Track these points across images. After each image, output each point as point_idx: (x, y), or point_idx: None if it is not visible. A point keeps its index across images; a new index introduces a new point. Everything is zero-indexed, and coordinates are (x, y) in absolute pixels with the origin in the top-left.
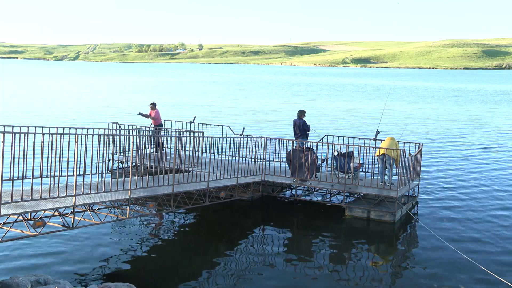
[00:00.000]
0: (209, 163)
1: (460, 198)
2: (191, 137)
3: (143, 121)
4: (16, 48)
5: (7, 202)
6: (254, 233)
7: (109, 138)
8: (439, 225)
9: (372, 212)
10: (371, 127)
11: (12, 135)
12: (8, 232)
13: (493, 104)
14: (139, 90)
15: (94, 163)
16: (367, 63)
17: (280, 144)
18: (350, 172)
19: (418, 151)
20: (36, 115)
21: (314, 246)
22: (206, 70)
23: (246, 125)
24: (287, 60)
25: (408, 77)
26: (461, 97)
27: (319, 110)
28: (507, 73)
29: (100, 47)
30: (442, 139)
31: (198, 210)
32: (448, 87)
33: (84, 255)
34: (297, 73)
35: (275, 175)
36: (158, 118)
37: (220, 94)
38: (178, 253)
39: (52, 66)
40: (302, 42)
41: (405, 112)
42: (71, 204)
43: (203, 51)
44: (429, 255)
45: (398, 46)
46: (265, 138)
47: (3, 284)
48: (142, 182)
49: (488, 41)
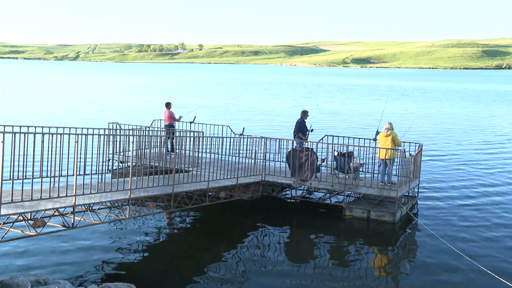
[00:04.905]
0: (209, 163)
1: (460, 198)
2: (191, 137)
3: (143, 121)
4: (16, 48)
5: (7, 202)
6: (254, 233)
7: (109, 138)
8: (439, 225)
9: (372, 212)
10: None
11: (12, 135)
12: (8, 232)
13: (493, 104)
14: (139, 91)
15: (94, 163)
16: (367, 63)
17: (280, 144)
18: (350, 172)
19: (418, 151)
20: (36, 115)
21: (314, 246)
22: (207, 70)
23: (249, 126)
24: (287, 60)
25: (411, 77)
26: (461, 97)
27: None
28: (507, 73)
29: (100, 47)
30: (442, 139)
31: (198, 210)
32: (448, 88)
33: (84, 255)
34: (301, 73)
35: (275, 175)
36: (167, 118)
37: (226, 95)
38: (178, 253)
39: (52, 66)
40: (302, 42)
41: (405, 112)
42: (71, 204)
43: (203, 51)
44: (429, 255)
45: (398, 46)
46: (265, 138)
47: (3, 284)
48: (142, 182)
49: (488, 41)
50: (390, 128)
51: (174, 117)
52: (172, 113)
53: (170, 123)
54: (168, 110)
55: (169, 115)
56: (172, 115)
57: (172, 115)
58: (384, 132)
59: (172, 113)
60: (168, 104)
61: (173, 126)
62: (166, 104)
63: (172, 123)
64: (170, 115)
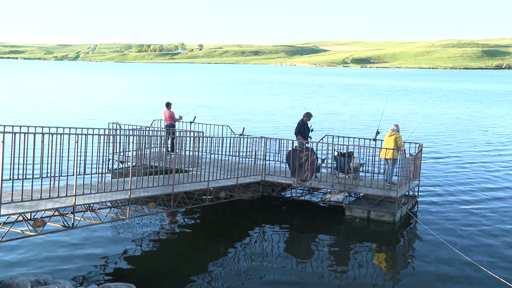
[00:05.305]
0: (209, 163)
1: (461, 198)
2: (191, 137)
3: (143, 121)
4: (16, 48)
5: (7, 202)
6: (254, 233)
7: (109, 138)
8: (439, 225)
9: (372, 212)
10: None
11: (12, 135)
12: (8, 232)
13: (493, 104)
14: (139, 91)
15: (94, 163)
16: (367, 63)
17: (280, 144)
18: (350, 172)
19: (418, 151)
20: (36, 115)
21: (314, 246)
22: (207, 70)
23: (249, 126)
24: (287, 60)
25: (411, 77)
26: (462, 97)
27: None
28: (508, 73)
29: (100, 47)
30: (442, 139)
31: (198, 210)
32: (448, 88)
33: (84, 255)
34: (301, 73)
35: (275, 175)
36: (168, 118)
37: (226, 95)
38: (178, 253)
39: (52, 66)
40: (302, 42)
41: (405, 112)
42: (71, 204)
43: (203, 51)
44: (429, 255)
45: (398, 46)
46: (265, 138)
47: (3, 284)
48: (142, 182)
49: (488, 41)
50: (395, 129)
51: (174, 117)
52: (173, 113)
53: (171, 123)
54: (168, 110)
55: (169, 115)
56: (173, 115)
57: (172, 115)
58: (389, 132)
59: (172, 113)
60: (168, 104)
61: (173, 126)
62: (166, 104)
63: (173, 123)
64: (171, 115)
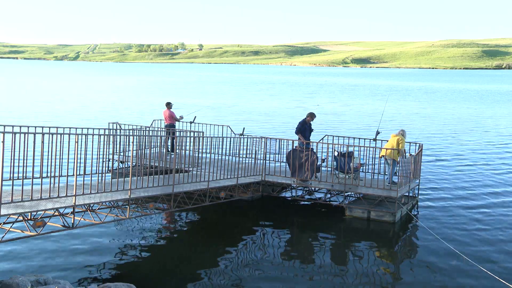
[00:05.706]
0: (209, 163)
1: (461, 198)
2: (191, 137)
3: (143, 121)
4: (16, 48)
5: (7, 202)
6: (254, 233)
7: (109, 138)
8: (439, 225)
9: (372, 212)
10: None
11: (12, 135)
12: (8, 232)
13: (494, 104)
14: (139, 91)
15: (94, 163)
16: (367, 63)
17: (280, 144)
18: (350, 172)
19: (418, 151)
20: (36, 115)
21: (314, 246)
22: (207, 70)
23: (249, 126)
24: (287, 60)
25: (411, 77)
26: (462, 96)
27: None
28: (508, 73)
29: (100, 47)
30: (442, 139)
31: (198, 210)
32: (448, 88)
33: (84, 255)
34: (302, 73)
35: (275, 175)
36: (168, 118)
37: (226, 95)
38: (178, 253)
39: (52, 66)
40: (302, 42)
41: (405, 112)
42: (71, 204)
43: (203, 51)
44: (429, 255)
45: (398, 46)
46: (265, 138)
47: (3, 284)
48: (142, 182)
49: (488, 41)
50: (401, 134)
51: (174, 117)
52: (173, 113)
53: (171, 123)
54: (168, 110)
55: (169, 115)
56: (173, 115)
57: (172, 115)
58: (395, 134)
59: (172, 113)
60: (168, 104)
61: (173, 126)
62: (167, 104)
63: (173, 123)
64: (171, 115)
